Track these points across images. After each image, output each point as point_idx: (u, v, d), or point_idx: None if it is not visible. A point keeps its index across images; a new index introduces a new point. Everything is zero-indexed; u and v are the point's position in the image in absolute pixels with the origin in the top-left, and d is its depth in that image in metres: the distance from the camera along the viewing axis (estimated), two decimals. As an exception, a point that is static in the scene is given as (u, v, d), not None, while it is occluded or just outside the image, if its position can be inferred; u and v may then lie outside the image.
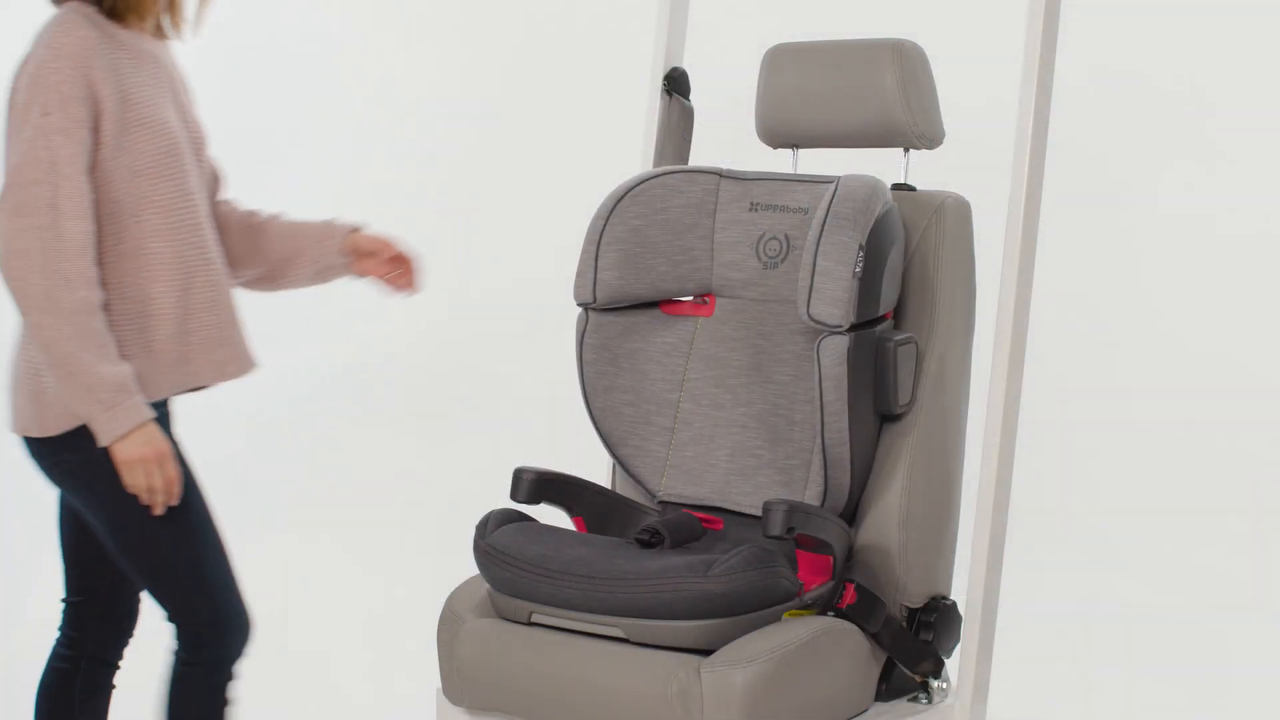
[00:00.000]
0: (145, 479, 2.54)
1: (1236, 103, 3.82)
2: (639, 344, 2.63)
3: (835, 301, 2.38)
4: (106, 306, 2.57)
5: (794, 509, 2.26)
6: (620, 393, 2.62)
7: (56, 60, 2.52)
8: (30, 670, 2.95)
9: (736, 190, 2.63)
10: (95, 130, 2.54)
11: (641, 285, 2.61)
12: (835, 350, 2.38)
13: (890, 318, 2.49)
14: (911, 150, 2.59)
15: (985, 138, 3.28)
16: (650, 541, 2.43)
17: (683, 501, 2.59)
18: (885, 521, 2.46)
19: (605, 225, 2.61)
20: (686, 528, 2.49)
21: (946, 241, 2.51)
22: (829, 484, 2.43)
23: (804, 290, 2.40)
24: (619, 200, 2.61)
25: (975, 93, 3.45)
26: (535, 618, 2.32)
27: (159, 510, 2.57)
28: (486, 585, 2.41)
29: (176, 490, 2.58)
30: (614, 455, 2.63)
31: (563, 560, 2.30)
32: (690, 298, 2.66)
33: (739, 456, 2.55)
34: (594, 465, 2.74)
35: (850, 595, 2.37)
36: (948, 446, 2.50)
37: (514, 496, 2.49)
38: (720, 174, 2.65)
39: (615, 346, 2.62)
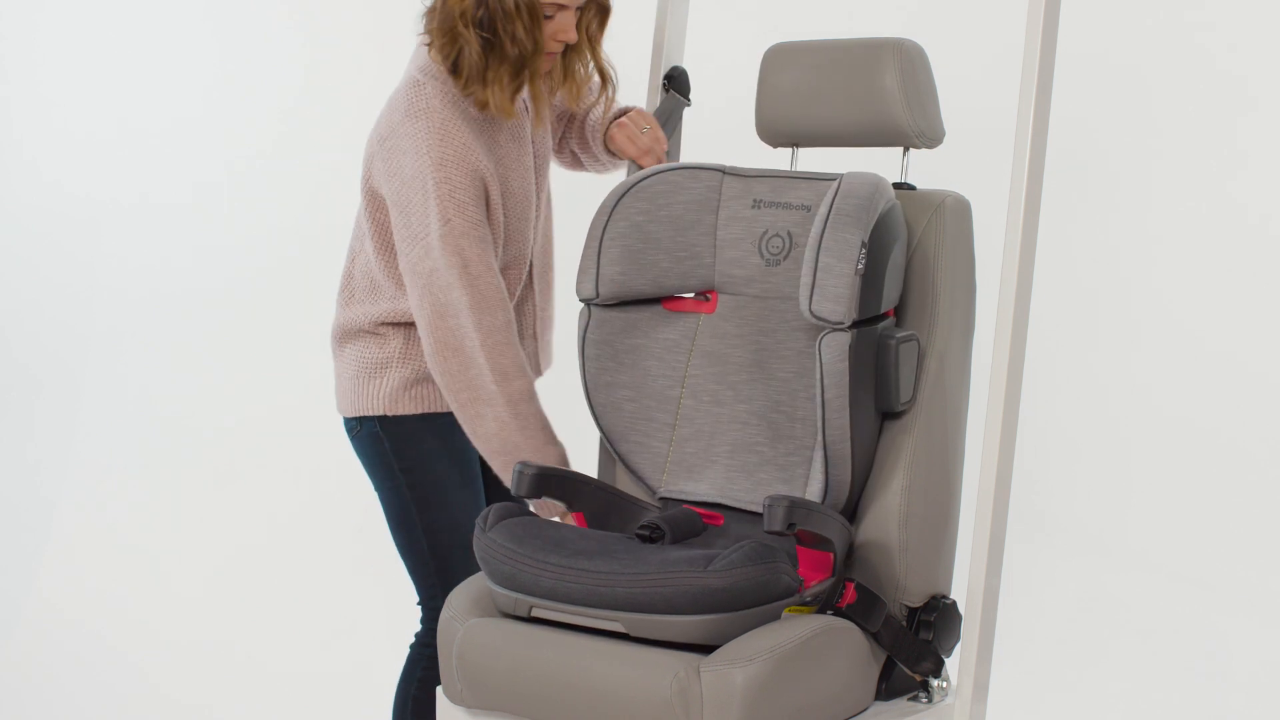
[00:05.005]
0: None
1: (1237, 102, 3.82)
2: (641, 340, 2.63)
3: (837, 298, 2.38)
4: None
5: (795, 505, 2.26)
6: (621, 389, 2.62)
7: (445, 169, 2.64)
8: (32, 670, 2.96)
9: (739, 187, 2.63)
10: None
11: (644, 281, 2.62)
12: (837, 347, 2.38)
13: (892, 315, 2.49)
14: (911, 149, 2.59)
15: (985, 138, 3.28)
16: (651, 537, 2.43)
17: (684, 498, 2.59)
18: (885, 520, 2.46)
19: (608, 221, 2.61)
20: (687, 523, 2.49)
21: (947, 240, 2.51)
22: (830, 481, 2.44)
23: (806, 287, 2.40)
24: (622, 196, 2.61)
25: (975, 93, 3.46)
26: (535, 612, 2.33)
27: None
28: (487, 581, 2.41)
29: None
30: (615, 451, 2.64)
31: (564, 554, 2.30)
32: (692, 294, 2.66)
33: (740, 453, 2.55)
34: (594, 461, 2.74)
35: (850, 594, 2.37)
36: (948, 445, 2.50)
37: (515, 491, 2.49)
38: (723, 171, 2.65)
39: (617, 342, 2.63)
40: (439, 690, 2.46)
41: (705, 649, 2.25)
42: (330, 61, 4.70)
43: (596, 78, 2.81)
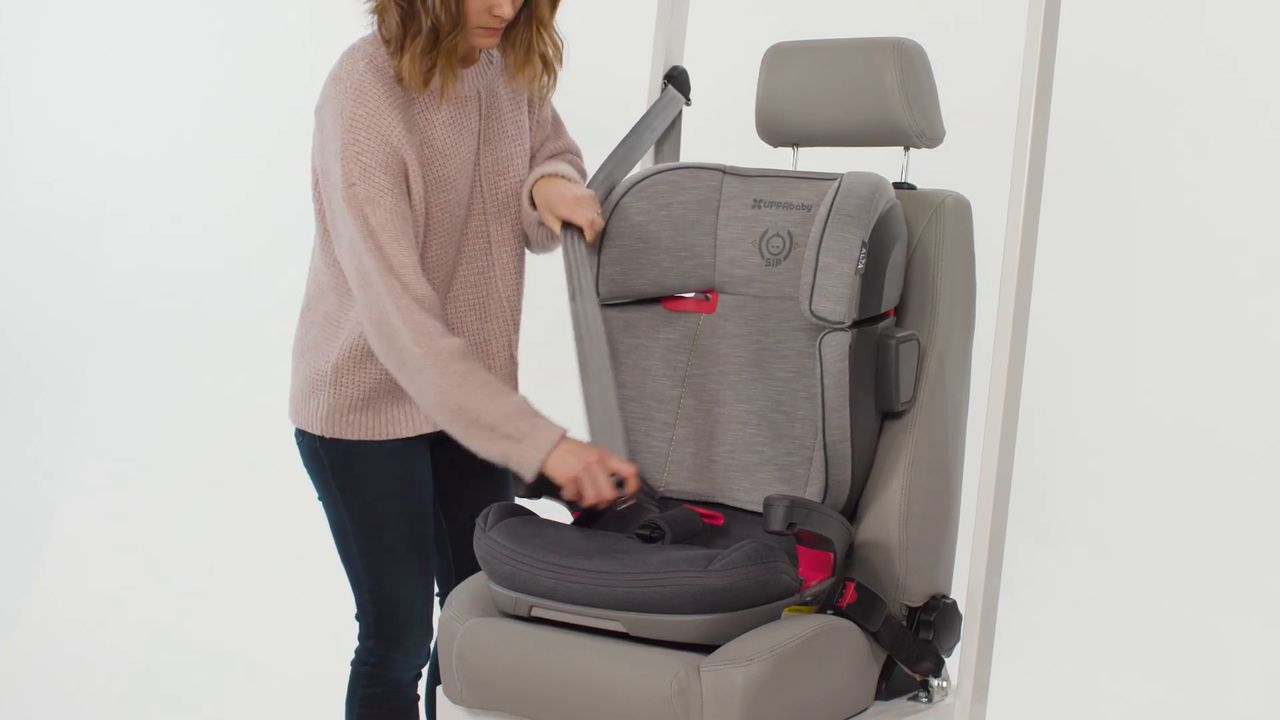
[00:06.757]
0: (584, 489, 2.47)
1: (1238, 103, 3.82)
2: (641, 340, 2.64)
3: (837, 298, 2.38)
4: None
5: (795, 504, 2.26)
6: (622, 388, 2.62)
7: (354, 131, 2.50)
8: (32, 670, 2.95)
9: (739, 187, 2.64)
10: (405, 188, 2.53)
11: (644, 281, 2.62)
12: (837, 346, 2.39)
13: (892, 315, 2.49)
14: (911, 149, 2.60)
15: (985, 138, 3.28)
16: (651, 537, 2.43)
17: (684, 497, 2.59)
18: (885, 520, 2.46)
19: (609, 221, 2.61)
20: (687, 523, 2.49)
21: (947, 240, 2.52)
22: (830, 480, 2.44)
23: (806, 286, 2.40)
24: (622, 196, 2.61)
25: (975, 93, 3.46)
26: (536, 612, 2.33)
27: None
28: (487, 581, 2.41)
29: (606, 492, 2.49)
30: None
31: (564, 554, 2.30)
32: (693, 294, 2.66)
33: (740, 453, 2.55)
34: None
35: (850, 594, 2.37)
36: (948, 445, 2.51)
37: (515, 491, 2.49)
38: (723, 171, 2.66)
39: (617, 342, 2.63)
40: (439, 690, 2.46)
41: (705, 649, 2.25)
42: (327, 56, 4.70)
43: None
